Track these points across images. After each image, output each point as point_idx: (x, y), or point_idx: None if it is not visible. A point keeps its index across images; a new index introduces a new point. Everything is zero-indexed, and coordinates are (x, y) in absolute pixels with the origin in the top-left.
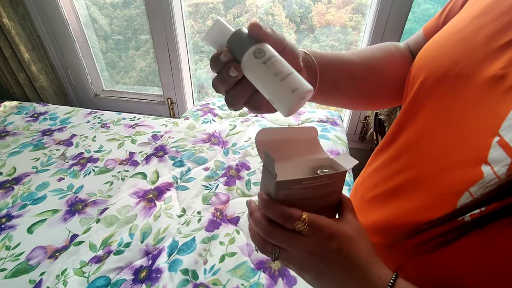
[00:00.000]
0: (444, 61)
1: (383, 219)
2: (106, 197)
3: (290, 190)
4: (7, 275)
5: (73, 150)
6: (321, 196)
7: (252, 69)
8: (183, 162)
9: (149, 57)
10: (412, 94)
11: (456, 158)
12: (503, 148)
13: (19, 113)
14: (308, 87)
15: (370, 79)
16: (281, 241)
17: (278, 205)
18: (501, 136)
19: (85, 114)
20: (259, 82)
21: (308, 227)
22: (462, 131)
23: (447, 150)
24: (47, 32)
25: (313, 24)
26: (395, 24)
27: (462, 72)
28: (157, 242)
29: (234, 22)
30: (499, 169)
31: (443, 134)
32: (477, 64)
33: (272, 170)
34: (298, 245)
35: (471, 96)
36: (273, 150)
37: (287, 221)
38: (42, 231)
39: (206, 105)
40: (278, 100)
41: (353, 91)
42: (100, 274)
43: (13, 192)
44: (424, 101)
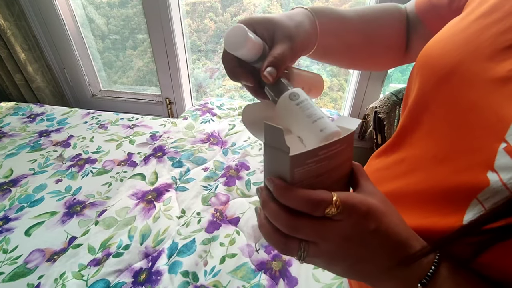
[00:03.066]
0: (447, 61)
1: None
2: (105, 199)
3: (306, 166)
4: (5, 279)
5: (71, 151)
6: (337, 166)
7: (286, 109)
8: (182, 162)
9: (147, 57)
10: (415, 95)
11: (461, 163)
12: (511, 155)
13: (16, 114)
14: (335, 129)
15: (367, 48)
16: (311, 234)
17: (300, 189)
18: (508, 143)
19: (82, 115)
20: (292, 121)
21: (341, 210)
22: (467, 134)
23: (452, 154)
24: (43, 32)
25: None
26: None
27: (466, 73)
28: (156, 244)
29: (232, 21)
30: (507, 178)
31: (448, 137)
32: (482, 65)
33: (282, 144)
34: (333, 234)
35: (476, 98)
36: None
37: (317, 208)
38: (40, 234)
39: (205, 104)
40: (307, 137)
41: (346, 59)
42: (99, 277)
43: (10, 194)
44: (428, 103)
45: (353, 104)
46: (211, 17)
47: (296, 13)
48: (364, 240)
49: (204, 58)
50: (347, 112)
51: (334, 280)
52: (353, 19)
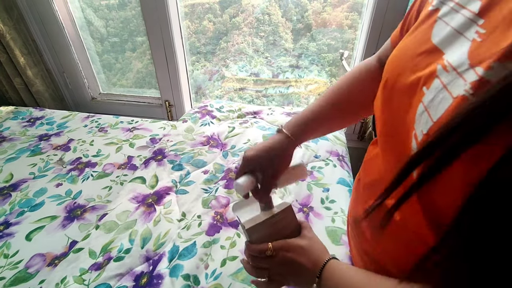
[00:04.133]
0: (390, 72)
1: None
2: (105, 202)
3: (259, 232)
4: (6, 283)
5: (71, 155)
6: (284, 226)
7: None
8: (182, 165)
9: (146, 59)
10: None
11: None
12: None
13: (15, 118)
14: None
15: (345, 119)
16: (264, 265)
17: (253, 245)
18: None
19: (82, 118)
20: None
21: (274, 251)
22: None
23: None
24: (42, 36)
25: (310, 23)
26: (393, 21)
27: (402, 79)
28: (157, 247)
29: (231, 22)
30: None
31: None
32: (405, 74)
33: (243, 226)
34: (274, 263)
35: (407, 95)
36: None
37: (261, 253)
38: (40, 238)
39: (204, 107)
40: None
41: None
42: (100, 282)
43: (11, 199)
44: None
45: None
46: (210, 19)
47: (277, 141)
48: (289, 265)
49: (203, 59)
50: None
51: None
52: (323, 108)
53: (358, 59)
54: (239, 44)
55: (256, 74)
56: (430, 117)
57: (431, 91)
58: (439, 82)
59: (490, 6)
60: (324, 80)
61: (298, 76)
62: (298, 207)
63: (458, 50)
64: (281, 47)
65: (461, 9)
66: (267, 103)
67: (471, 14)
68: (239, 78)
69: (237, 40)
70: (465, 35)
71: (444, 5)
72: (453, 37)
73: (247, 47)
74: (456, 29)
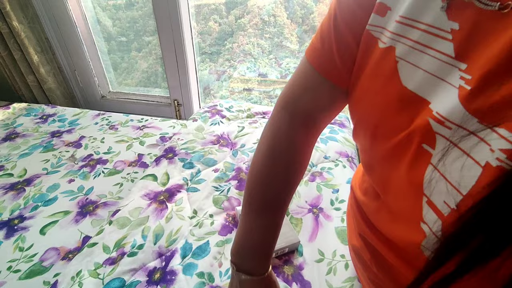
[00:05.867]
0: (369, 120)
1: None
2: (117, 199)
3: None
4: (21, 276)
5: (82, 152)
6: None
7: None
8: (192, 163)
9: (151, 59)
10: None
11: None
12: (432, 209)
13: (28, 115)
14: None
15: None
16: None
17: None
18: (427, 197)
19: (93, 116)
20: None
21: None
22: (398, 190)
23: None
24: (55, 34)
25: (315, 25)
26: None
27: (382, 135)
28: (169, 244)
29: (236, 23)
30: (436, 229)
31: (389, 188)
32: (385, 125)
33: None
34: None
35: (394, 158)
36: None
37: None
38: (54, 233)
39: (214, 106)
40: None
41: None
42: (114, 276)
43: (25, 194)
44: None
45: None
46: (216, 20)
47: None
48: None
49: (208, 60)
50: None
51: (345, 283)
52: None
53: None
54: (244, 45)
55: (263, 75)
56: (455, 188)
57: (438, 152)
58: (445, 142)
59: (467, 48)
60: None
61: None
62: (307, 208)
63: (446, 99)
64: (286, 49)
65: (425, 49)
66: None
67: (445, 57)
68: (246, 78)
69: (242, 41)
70: (448, 80)
71: (399, 43)
72: (433, 83)
73: (252, 48)
74: (432, 74)
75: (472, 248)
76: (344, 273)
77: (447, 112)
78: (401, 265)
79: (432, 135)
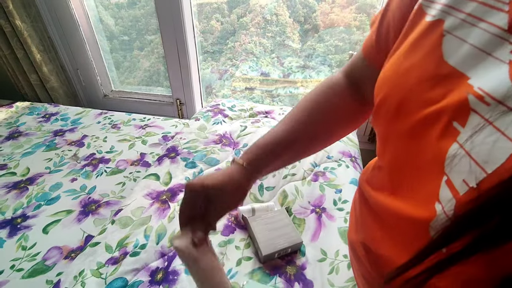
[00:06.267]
0: (388, 96)
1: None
2: (119, 198)
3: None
4: (24, 275)
5: (85, 151)
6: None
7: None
8: (195, 163)
9: (153, 57)
10: (378, 125)
11: (415, 197)
12: (450, 188)
13: (31, 113)
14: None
15: (314, 141)
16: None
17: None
18: (447, 176)
19: (95, 115)
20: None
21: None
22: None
23: (410, 187)
24: (58, 33)
25: (317, 24)
26: None
27: (406, 111)
28: (172, 244)
29: (238, 22)
30: (448, 209)
31: (405, 170)
32: (412, 101)
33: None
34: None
35: (416, 136)
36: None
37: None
38: (57, 232)
39: (216, 105)
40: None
41: (297, 159)
42: (117, 276)
43: (28, 192)
44: (387, 137)
45: None
46: (218, 18)
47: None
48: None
49: (210, 59)
50: None
51: (347, 283)
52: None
53: None
54: (246, 44)
55: (266, 74)
56: (480, 166)
57: (468, 129)
58: (479, 119)
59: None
60: None
61: (309, 76)
62: (310, 208)
63: (491, 74)
64: (288, 48)
65: (477, 21)
66: (275, 104)
67: (497, 30)
68: (249, 77)
69: (244, 40)
70: (496, 55)
71: (450, 16)
72: (477, 58)
73: (254, 47)
74: (479, 48)
75: (485, 229)
76: (346, 273)
77: (490, 87)
78: (396, 254)
79: (465, 111)
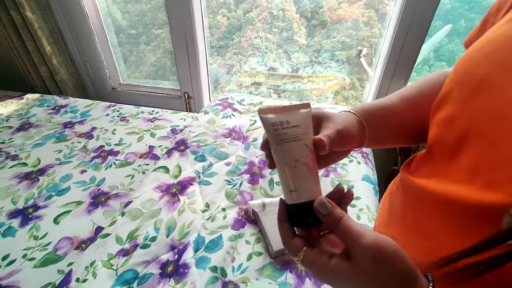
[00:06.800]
0: (477, 72)
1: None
2: (128, 190)
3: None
4: (36, 264)
5: (94, 143)
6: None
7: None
8: (204, 156)
9: (160, 52)
10: (450, 107)
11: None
12: None
13: (41, 105)
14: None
15: (418, 118)
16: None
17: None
18: None
19: (104, 107)
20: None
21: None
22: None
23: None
24: (67, 25)
25: (325, 19)
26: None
27: (495, 84)
28: (182, 237)
29: (245, 17)
30: None
31: (481, 150)
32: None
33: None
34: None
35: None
36: None
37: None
38: (67, 222)
39: (225, 99)
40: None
41: (400, 140)
42: (128, 267)
43: (39, 183)
44: (462, 115)
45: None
46: (224, 13)
47: (342, 114)
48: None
49: (216, 54)
50: None
51: None
52: (399, 104)
53: (384, 54)
54: (253, 39)
55: (273, 68)
56: None
57: None
58: None
59: None
60: (344, 77)
61: (318, 72)
62: None
63: None
64: (294, 44)
65: None
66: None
67: None
68: (256, 72)
69: (250, 36)
70: None
71: None
72: None
73: (260, 42)
74: None
75: None
76: None
77: None
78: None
79: None
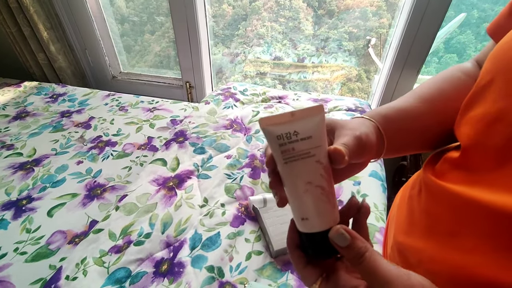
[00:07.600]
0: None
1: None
2: (125, 183)
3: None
4: (28, 258)
5: (92, 133)
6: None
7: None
8: (204, 149)
9: (164, 42)
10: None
11: None
12: None
13: (39, 93)
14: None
15: (439, 117)
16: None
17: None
18: None
19: (103, 96)
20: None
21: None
22: None
23: None
24: (65, 10)
25: (332, 9)
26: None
27: None
28: (178, 234)
29: (250, 7)
30: None
31: None
32: None
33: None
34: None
35: None
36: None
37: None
38: (61, 215)
39: (227, 89)
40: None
41: (419, 146)
42: (120, 265)
43: (33, 174)
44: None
45: (382, 95)
46: (229, 3)
47: (356, 120)
48: None
49: (221, 44)
50: (375, 102)
51: None
52: (418, 104)
53: (395, 44)
54: (258, 29)
55: (279, 58)
56: None
57: None
58: None
59: None
60: (352, 66)
61: (325, 61)
62: None
63: None
64: (301, 33)
65: None
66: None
67: None
68: (261, 61)
69: (256, 25)
70: None
71: None
72: None
73: (266, 32)
74: None
75: None
76: None
77: None
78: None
79: None
